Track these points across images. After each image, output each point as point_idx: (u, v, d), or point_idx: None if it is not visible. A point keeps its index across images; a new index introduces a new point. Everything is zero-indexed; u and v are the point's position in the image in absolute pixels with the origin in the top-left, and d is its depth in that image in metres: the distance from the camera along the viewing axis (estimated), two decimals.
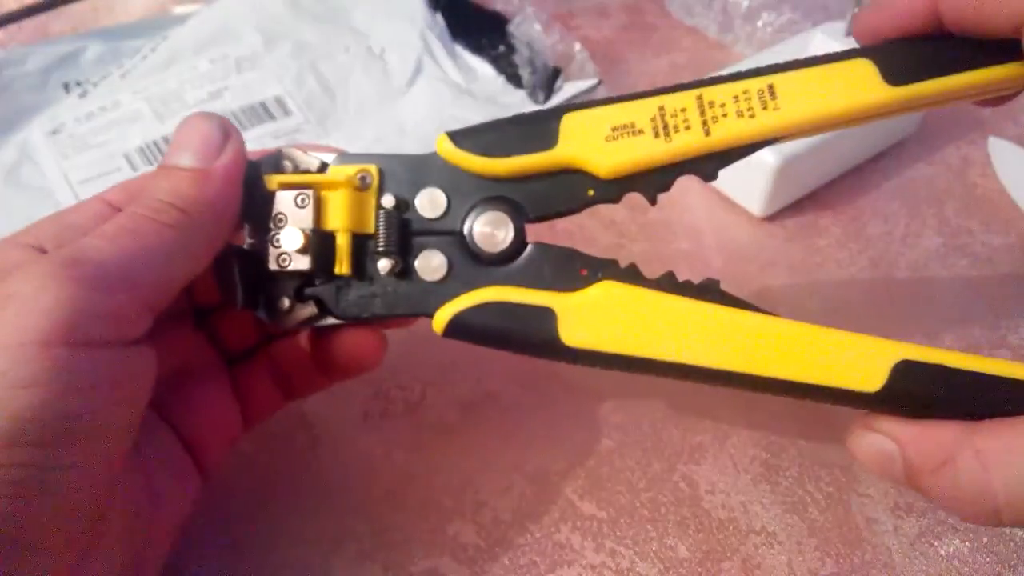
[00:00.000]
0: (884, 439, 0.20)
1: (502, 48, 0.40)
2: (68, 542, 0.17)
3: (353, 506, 0.25)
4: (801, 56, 0.22)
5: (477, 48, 0.40)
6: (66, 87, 0.37)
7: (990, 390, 0.20)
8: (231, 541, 0.25)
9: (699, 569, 0.24)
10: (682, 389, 0.29)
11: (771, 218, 0.34)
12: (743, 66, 0.22)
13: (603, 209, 0.34)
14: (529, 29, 0.40)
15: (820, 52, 0.22)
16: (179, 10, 0.44)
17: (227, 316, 0.25)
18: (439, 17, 0.41)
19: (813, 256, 0.33)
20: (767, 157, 0.32)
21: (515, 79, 0.39)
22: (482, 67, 0.40)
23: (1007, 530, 0.25)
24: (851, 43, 0.23)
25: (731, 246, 0.33)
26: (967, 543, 0.25)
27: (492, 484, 0.26)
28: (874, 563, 0.24)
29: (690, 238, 0.34)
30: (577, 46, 0.39)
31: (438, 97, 0.37)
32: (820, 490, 0.26)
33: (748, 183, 0.33)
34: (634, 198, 0.22)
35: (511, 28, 0.40)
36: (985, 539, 0.25)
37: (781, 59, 0.22)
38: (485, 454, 0.27)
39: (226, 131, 0.21)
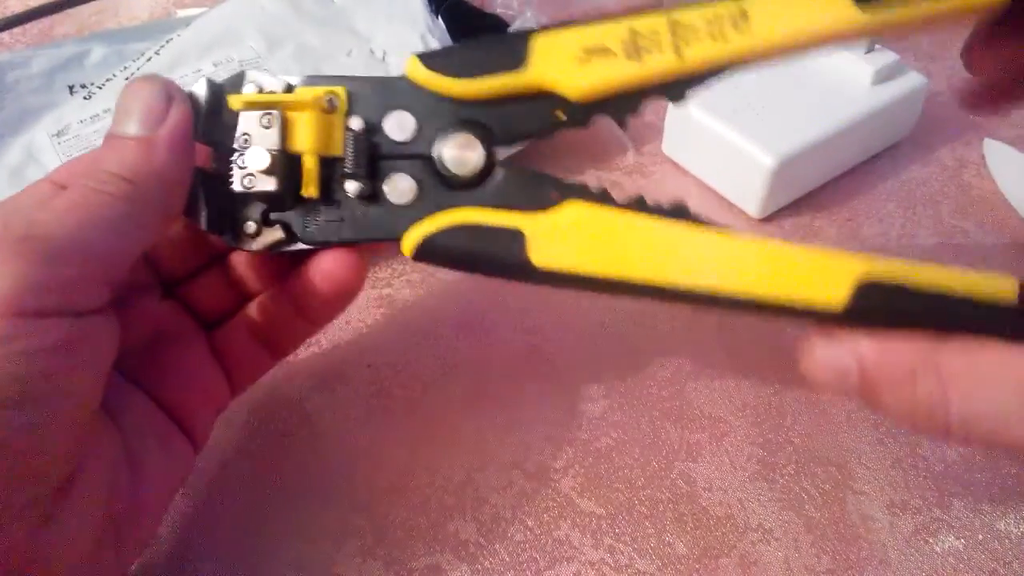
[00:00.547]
0: (842, 351, 0.20)
1: None
2: (31, 502, 0.17)
3: (355, 503, 0.26)
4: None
5: None
6: (71, 89, 0.37)
7: (958, 309, 0.19)
8: (233, 538, 0.25)
9: (697, 566, 0.24)
10: (679, 389, 0.29)
11: (768, 219, 0.35)
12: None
13: None
14: None
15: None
16: (182, 13, 0.44)
17: (199, 282, 0.24)
18: (440, 21, 0.41)
19: None
20: (764, 159, 0.32)
21: None
22: None
23: (1002, 527, 0.25)
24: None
25: None
26: (962, 540, 0.25)
27: (492, 481, 0.26)
28: (870, 560, 0.25)
29: None
30: None
31: None
32: (816, 487, 0.26)
33: (745, 184, 0.34)
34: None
35: (510, 32, 0.41)
36: (980, 536, 0.25)
37: None
38: (485, 452, 0.27)
39: (169, 95, 0.20)
